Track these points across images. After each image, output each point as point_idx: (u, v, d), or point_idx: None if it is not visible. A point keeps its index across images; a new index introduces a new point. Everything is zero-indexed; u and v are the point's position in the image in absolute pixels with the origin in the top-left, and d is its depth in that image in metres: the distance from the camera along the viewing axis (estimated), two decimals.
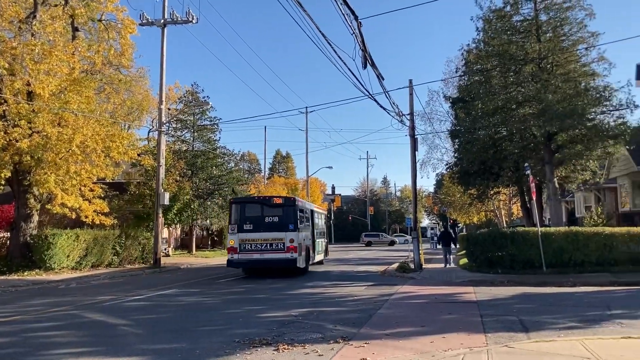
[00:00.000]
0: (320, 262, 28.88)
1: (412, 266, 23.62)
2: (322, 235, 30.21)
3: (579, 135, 22.54)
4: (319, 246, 27.96)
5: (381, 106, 23.33)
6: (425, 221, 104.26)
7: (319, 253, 28.00)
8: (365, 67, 15.93)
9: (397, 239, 69.90)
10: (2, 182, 22.48)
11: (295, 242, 21.36)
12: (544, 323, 9.84)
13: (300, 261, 21.87)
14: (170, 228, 40.13)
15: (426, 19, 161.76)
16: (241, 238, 21.55)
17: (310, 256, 24.42)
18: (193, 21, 27.95)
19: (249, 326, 10.12)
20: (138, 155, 29.01)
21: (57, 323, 10.98)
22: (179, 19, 28.09)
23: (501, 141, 24.86)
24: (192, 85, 43.81)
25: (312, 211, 27.08)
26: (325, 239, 31.43)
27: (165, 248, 35.86)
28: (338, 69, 37.33)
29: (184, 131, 42.30)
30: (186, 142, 41.99)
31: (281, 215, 22.00)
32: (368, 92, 19.54)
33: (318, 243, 27.45)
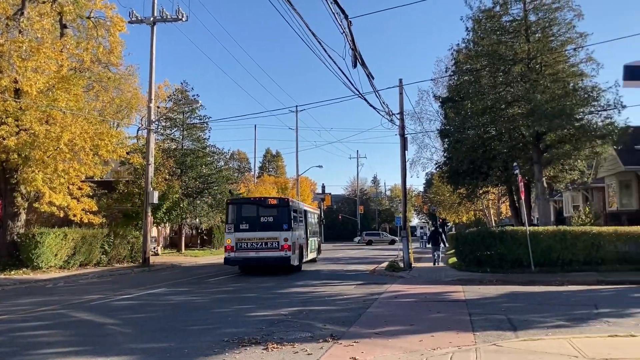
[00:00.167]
0: (313, 260, 29.79)
1: (402, 265, 23.68)
2: (315, 234, 31.13)
3: (567, 135, 22.70)
4: (312, 245, 28.89)
5: (371, 105, 23.42)
6: (414, 220, 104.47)
7: (312, 251, 28.94)
8: (355, 66, 15.96)
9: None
10: None
11: (289, 241, 22.17)
12: (532, 322, 9.90)
13: (294, 259, 22.67)
14: (159, 227, 39.92)
15: (416, 19, 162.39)
16: (237, 237, 22.38)
17: (303, 254, 25.28)
18: (183, 19, 27.82)
19: (238, 325, 10.09)
20: (127, 153, 28.91)
21: (45, 322, 10.89)
22: (169, 17, 27.96)
23: (490, 141, 24.99)
24: (182, 83, 43.62)
25: (305, 211, 28.00)
26: (318, 238, 32.35)
27: (154, 247, 35.69)
28: (328, 68, 37.44)
29: (174, 129, 42.14)
30: (175, 141, 41.80)
31: (276, 215, 22.84)
32: (358, 92, 19.58)
33: (311, 242, 28.39)
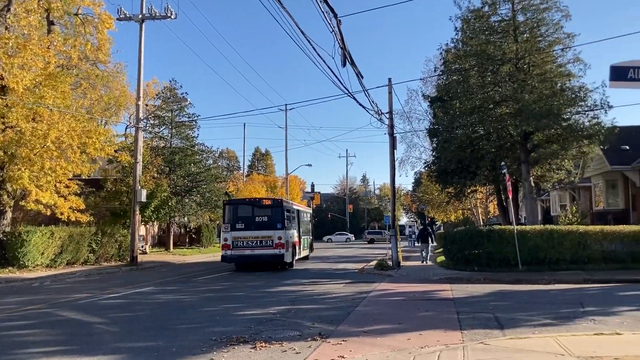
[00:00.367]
0: (306, 257, 30.85)
1: (390, 264, 23.75)
2: (308, 233, 32.20)
3: (555, 135, 22.85)
4: (305, 243, 30.13)
5: (360, 104, 23.58)
6: (403, 219, 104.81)
7: (305, 249, 30.17)
8: (344, 65, 15.97)
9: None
10: None
11: (282, 240, 23.22)
12: (519, 320, 9.97)
13: (287, 256, 23.67)
14: (147, 225, 39.74)
15: (406, 18, 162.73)
16: (234, 236, 23.41)
17: (296, 252, 26.36)
18: (172, 17, 27.66)
19: (227, 324, 10.07)
20: (115, 151, 28.70)
21: (31, 321, 10.80)
22: (158, 15, 27.78)
23: (478, 140, 25.10)
24: (171, 81, 43.49)
25: (298, 211, 29.17)
26: (310, 236, 33.49)
27: (142, 245, 35.51)
28: (317, 67, 37.38)
29: (162, 128, 41.87)
30: (164, 139, 41.56)
31: (270, 215, 23.90)
32: (347, 90, 19.57)
33: (304, 240, 29.57)
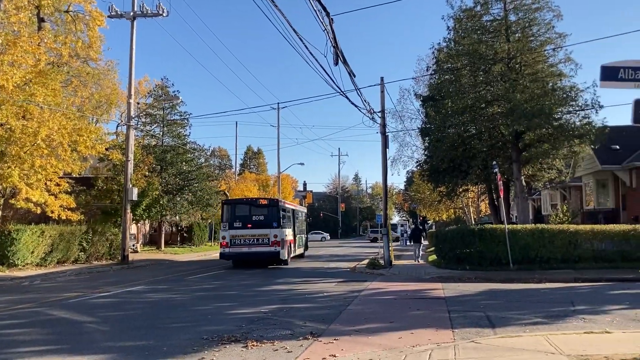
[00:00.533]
0: (301, 255, 31.77)
1: (382, 263, 23.77)
2: (302, 231, 33.22)
3: (546, 134, 22.96)
4: (300, 241, 31.11)
5: (353, 103, 23.56)
6: (395, 218, 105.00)
7: (300, 247, 31.19)
8: (336, 64, 15.96)
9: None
10: None
11: (278, 238, 24.20)
12: (510, 319, 10.00)
13: (283, 254, 24.58)
14: (138, 224, 39.59)
15: (398, 17, 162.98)
16: (232, 234, 24.34)
17: (291, 250, 27.25)
18: (163, 14, 27.51)
19: (218, 323, 10.04)
20: (106, 149, 28.58)
21: (20, 321, 10.71)
22: (149, 12, 27.61)
23: (470, 139, 25.18)
24: (162, 79, 43.35)
25: (294, 210, 30.17)
26: (305, 235, 34.60)
27: (133, 244, 35.35)
28: (310, 65, 37.38)
29: (154, 126, 41.71)
30: (155, 137, 41.41)
31: (266, 214, 24.92)
32: (339, 89, 19.58)
33: (299, 238, 30.52)
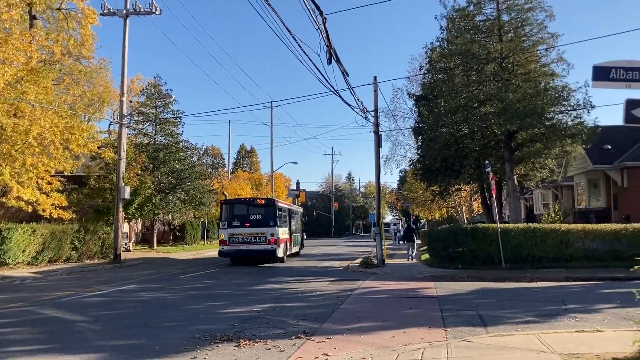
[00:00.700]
0: (297, 253, 32.80)
1: (375, 261, 23.79)
2: (298, 230, 34.30)
3: (538, 134, 23.04)
4: (296, 239, 32.20)
5: (346, 102, 23.46)
6: (388, 217, 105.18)
7: (296, 245, 32.20)
8: (330, 63, 15.98)
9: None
10: None
11: (275, 236, 25.13)
12: (502, 318, 10.05)
13: (279, 252, 25.56)
14: (130, 223, 39.37)
15: (392, 17, 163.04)
16: (230, 233, 25.26)
17: (287, 248, 28.31)
18: (156, 12, 27.36)
19: (210, 322, 10.03)
20: (98, 148, 28.44)
21: (11, 320, 10.65)
22: (142, 10, 27.46)
23: (463, 139, 25.23)
24: (155, 77, 42.89)
25: (290, 210, 31.17)
26: (301, 234, 35.54)
27: (125, 243, 35.21)
28: (303, 64, 37.41)
29: (146, 124, 41.45)
30: (148, 136, 41.20)
31: (263, 213, 25.82)
32: (333, 88, 19.59)
33: (295, 237, 31.59)
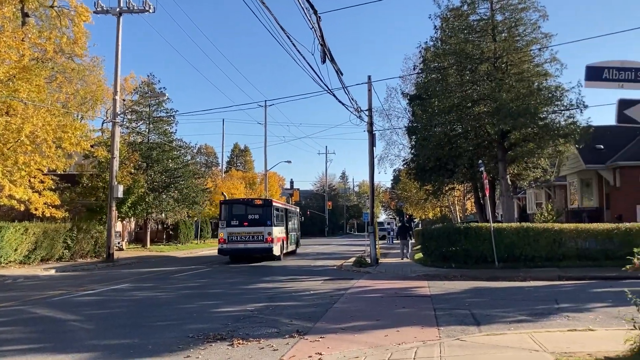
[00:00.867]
0: (293, 252, 33.76)
1: (369, 260, 23.79)
2: (294, 229, 35.38)
3: (531, 133, 23.11)
4: (292, 238, 33.29)
5: (340, 101, 23.60)
6: (382, 216, 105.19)
7: (292, 244, 33.25)
8: (324, 62, 15.94)
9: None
10: None
11: (271, 235, 26.11)
12: (495, 317, 10.08)
13: (276, 250, 26.62)
14: (124, 222, 39.22)
15: (386, 16, 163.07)
16: (229, 231, 26.23)
17: (284, 246, 29.24)
18: (150, 10, 27.26)
19: (204, 321, 10.01)
20: (91, 146, 28.27)
21: (3, 319, 10.59)
22: (135, 8, 27.36)
23: (456, 138, 25.27)
24: (148, 76, 42.70)
25: (286, 210, 32.41)
26: (297, 233, 36.64)
27: (118, 242, 35.09)
28: (297, 63, 36.98)
29: (139, 123, 41.31)
30: (141, 134, 41.04)
31: (261, 213, 26.79)
32: (327, 87, 19.53)
33: (291, 236, 32.65)
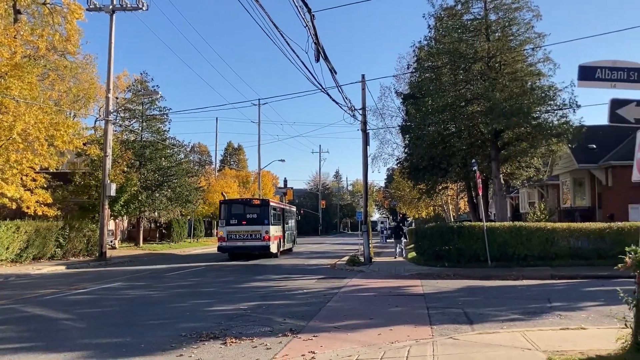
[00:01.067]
0: (289, 250, 35.05)
1: (362, 259, 23.82)
2: (291, 228, 36.86)
3: (524, 133, 23.20)
4: (289, 237, 34.78)
5: (334, 100, 23.53)
6: (376, 215, 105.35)
7: (288, 242, 34.75)
8: (318, 60, 15.95)
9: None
10: None
11: (269, 233, 27.46)
12: (488, 315, 10.10)
13: (273, 248, 27.96)
14: (116, 220, 39.08)
15: (380, 15, 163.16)
16: (228, 230, 27.70)
17: (280, 244, 30.62)
18: (143, 8, 27.18)
19: (197, 320, 9.98)
20: (84, 144, 28.14)
21: None
22: (128, 6, 27.27)
23: (450, 137, 25.33)
24: (142, 74, 42.47)
25: (283, 209, 33.81)
26: (293, 232, 37.99)
27: (111, 240, 34.95)
28: (291, 62, 37.17)
29: (132, 121, 41.09)
30: (134, 132, 40.86)
31: (259, 212, 28.14)
32: (321, 86, 19.54)
33: (287, 234, 34.03)
